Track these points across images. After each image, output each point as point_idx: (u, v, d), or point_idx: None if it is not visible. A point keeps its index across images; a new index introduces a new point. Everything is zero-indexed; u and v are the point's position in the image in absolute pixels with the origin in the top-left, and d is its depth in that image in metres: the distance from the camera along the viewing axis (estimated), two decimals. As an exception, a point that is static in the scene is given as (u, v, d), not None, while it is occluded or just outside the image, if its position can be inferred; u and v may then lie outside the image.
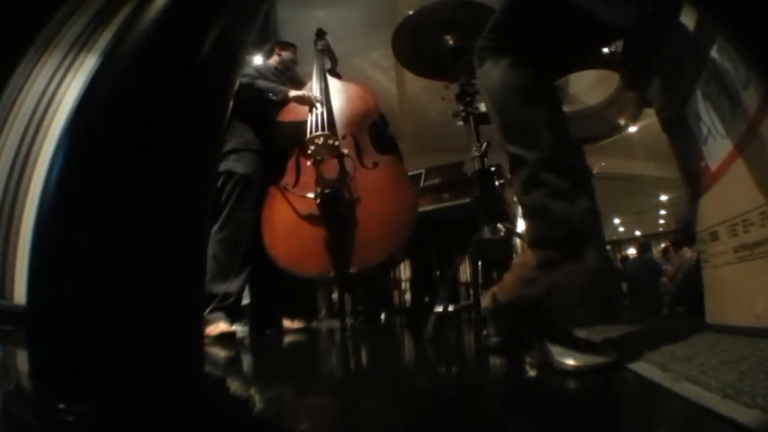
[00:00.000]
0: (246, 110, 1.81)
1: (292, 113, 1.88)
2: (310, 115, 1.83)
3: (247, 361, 1.25)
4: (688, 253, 2.92)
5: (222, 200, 1.74)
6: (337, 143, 1.77)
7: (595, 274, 0.67)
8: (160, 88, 0.51)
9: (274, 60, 2.12)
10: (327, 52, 2.12)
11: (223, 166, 1.75)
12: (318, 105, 1.84)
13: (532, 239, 0.73)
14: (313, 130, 1.78)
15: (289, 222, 1.75)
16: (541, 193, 0.71)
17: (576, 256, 0.67)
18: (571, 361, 0.63)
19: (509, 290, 0.73)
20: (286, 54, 2.13)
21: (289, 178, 1.81)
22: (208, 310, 1.59)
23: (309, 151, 1.77)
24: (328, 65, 2.10)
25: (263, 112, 1.87)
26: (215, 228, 1.71)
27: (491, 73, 0.81)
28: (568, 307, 0.67)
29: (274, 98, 1.85)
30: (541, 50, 0.79)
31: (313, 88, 1.93)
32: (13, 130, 1.89)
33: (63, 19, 1.89)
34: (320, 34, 2.17)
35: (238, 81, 1.76)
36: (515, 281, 0.73)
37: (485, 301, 0.79)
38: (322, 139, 1.76)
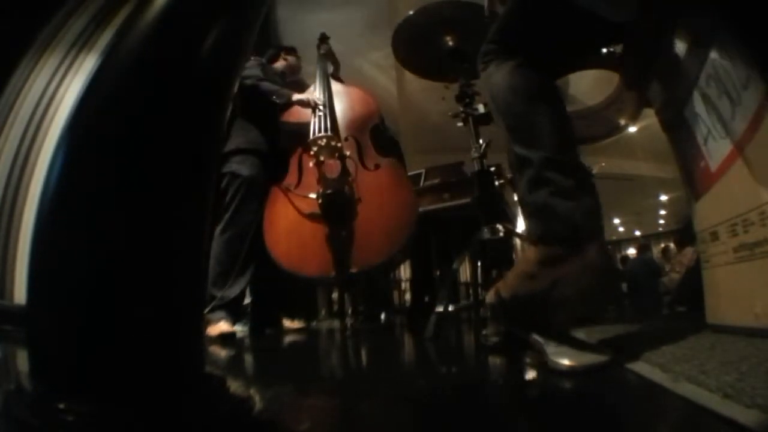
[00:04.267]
0: (250, 110, 1.86)
1: (295, 114, 1.91)
2: (313, 117, 1.86)
3: (247, 361, 1.25)
4: (688, 253, 2.92)
5: (226, 201, 1.77)
6: (339, 145, 1.80)
7: (596, 269, 0.68)
8: (160, 89, 0.51)
9: (280, 64, 2.16)
10: (330, 57, 2.16)
11: (227, 168, 1.79)
12: (321, 108, 1.85)
13: (535, 236, 0.73)
14: (317, 131, 1.81)
15: (290, 223, 1.77)
16: (546, 191, 0.72)
17: (577, 252, 0.68)
18: (566, 361, 0.63)
19: (511, 285, 0.74)
20: (292, 59, 2.18)
21: (291, 179, 1.84)
22: (208, 308, 1.60)
23: (312, 152, 1.79)
24: (330, 69, 2.12)
25: (267, 114, 1.90)
26: (219, 229, 1.74)
27: (494, 75, 0.81)
28: (569, 302, 0.67)
29: (278, 101, 1.88)
30: (545, 51, 0.80)
31: (316, 92, 1.95)
32: (13, 130, 1.89)
33: (63, 19, 1.89)
34: (323, 38, 2.21)
35: (244, 82, 1.82)
36: (517, 276, 0.74)
37: (489, 296, 0.80)
38: (325, 140, 1.79)
